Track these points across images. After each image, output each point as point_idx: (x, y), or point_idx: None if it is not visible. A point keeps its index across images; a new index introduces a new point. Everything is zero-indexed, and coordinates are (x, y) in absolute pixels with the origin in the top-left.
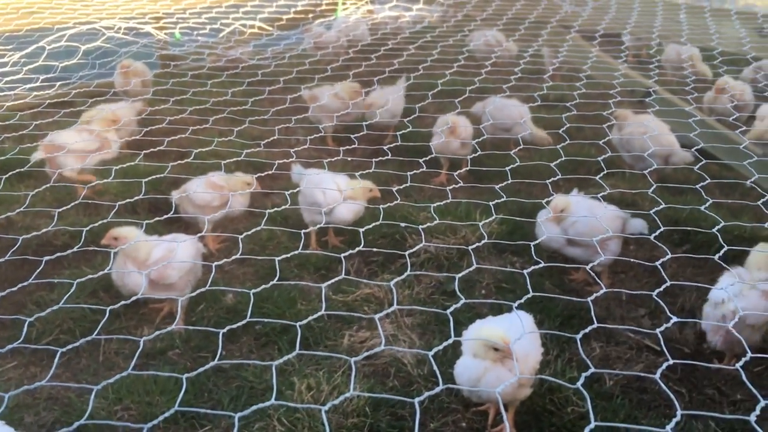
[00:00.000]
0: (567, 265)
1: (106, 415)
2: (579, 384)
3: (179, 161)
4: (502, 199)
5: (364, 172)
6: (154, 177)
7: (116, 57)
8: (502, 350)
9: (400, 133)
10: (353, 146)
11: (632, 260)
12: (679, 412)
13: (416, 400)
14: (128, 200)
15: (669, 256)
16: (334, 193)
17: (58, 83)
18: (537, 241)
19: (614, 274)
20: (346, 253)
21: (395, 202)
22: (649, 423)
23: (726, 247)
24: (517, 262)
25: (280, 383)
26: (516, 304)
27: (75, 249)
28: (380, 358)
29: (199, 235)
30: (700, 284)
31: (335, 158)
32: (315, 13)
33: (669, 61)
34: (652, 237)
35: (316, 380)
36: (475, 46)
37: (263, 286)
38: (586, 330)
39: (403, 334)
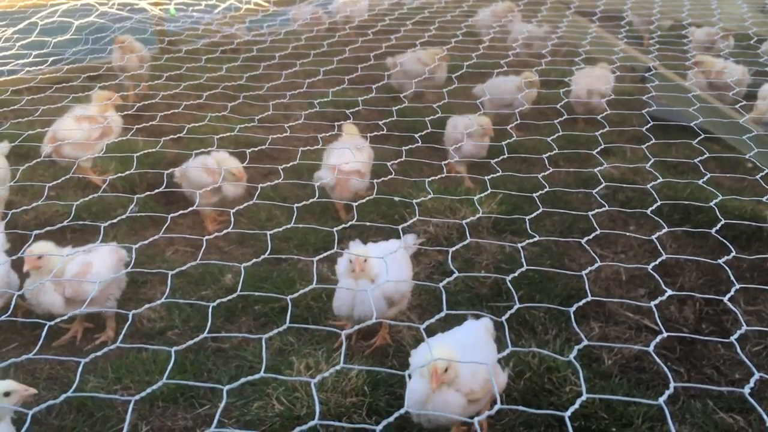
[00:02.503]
0: (562, 238)
1: (105, 393)
2: (572, 356)
3: (173, 136)
4: (499, 174)
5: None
6: (146, 153)
7: (110, 33)
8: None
9: (396, 108)
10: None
11: (629, 234)
12: (672, 385)
13: (406, 373)
14: (120, 175)
15: (665, 230)
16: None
17: (51, 59)
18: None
19: (614, 254)
20: (339, 227)
21: (390, 177)
22: (664, 400)
23: (723, 221)
24: (516, 241)
25: (279, 362)
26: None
27: (64, 224)
28: (378, 337)
29: (194, 208)
30: (699, 258)
31: (329, 133)
32: None
33: (699, 42)
34: (649, 211)
35: (315, 359)
36: (482, 17)
37: (253, 260)
38: (580, 303)
39: (402, 314)
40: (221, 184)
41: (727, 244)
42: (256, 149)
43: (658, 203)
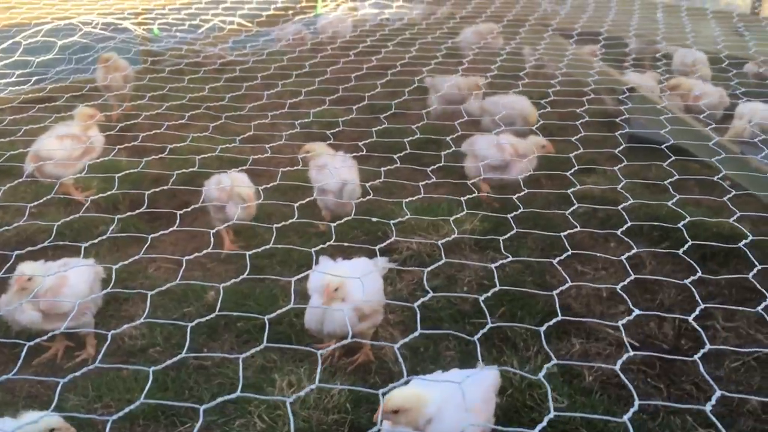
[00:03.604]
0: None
1: (86, 412)
2: (541, 375)
3: (155, 156)
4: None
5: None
6: (128, 172)
7: (93, 52)
8: None
9: (375, 129)
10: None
11: (598, 255)
12: (636, 402)
13: (380, 392)
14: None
15: (634, 250)
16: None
17: (34, 78)
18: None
19: (595, 271)
20: (317, 248)
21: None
22: (628, 417)
23: (691, 242)
24: (498, 259)
25: (261, 380)
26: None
27: (45, 244)
28: (361, 354)
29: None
30: (670, 279)
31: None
32: (295, 9)
33: (677, 65)
34: (619, 232)
35: (297, 377)
36: (464, 37)
37: (233, 280)
38: (551, 322)
39: (384, 330)
40: (225, 205)
41: (694, 264)
42: (243, 168)
43: (628, 224)
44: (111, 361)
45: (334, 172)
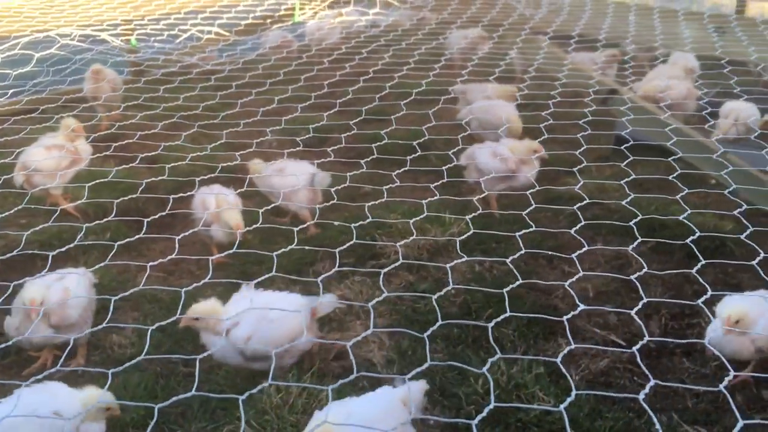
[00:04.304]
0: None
1: None
2: (485, 369)
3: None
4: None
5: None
6: (117, 180)
7: (70, 64)
8: None
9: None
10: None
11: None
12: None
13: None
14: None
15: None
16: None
17: (11, 91)
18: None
19: (582, 271)
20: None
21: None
22: (613, 416)
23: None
24: (485, 261)
25: (248, 386)
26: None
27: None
28: (349, 359)
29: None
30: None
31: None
32: (273, 18)
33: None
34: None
35: (286, 382)
36: (458, 47)
37: (195, 284)
38: (498, 319)
39: (373, 335)
40: (212, 225)
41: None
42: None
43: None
44: (103, 370)
45: (298, 167)
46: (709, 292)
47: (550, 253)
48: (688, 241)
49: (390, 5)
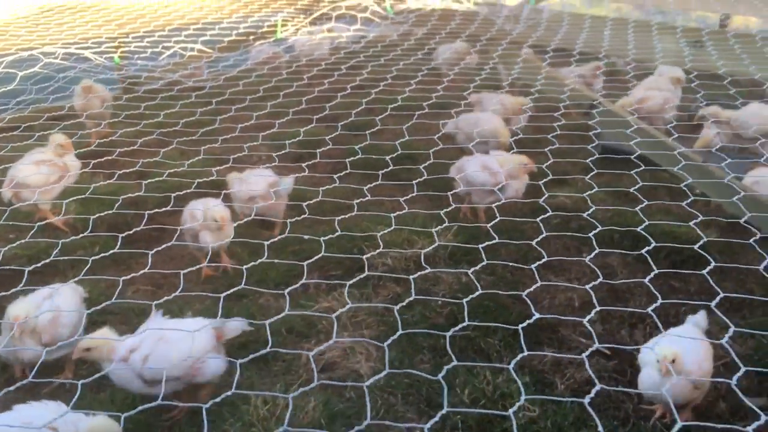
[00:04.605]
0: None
1: None
2: (440, 376)
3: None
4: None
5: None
6: (106, 194)
7: (53, 82)
8: None
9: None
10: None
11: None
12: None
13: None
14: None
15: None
16: None
17: None
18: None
19: (568, 281)
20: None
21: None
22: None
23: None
24: (472, 271)
25: (237, 398)
26: None
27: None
28: (337, 370)
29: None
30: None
31: (300, 174)
32: (256, 35)
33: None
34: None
35: (273, 394)
36: (443, 59)
37: (166, 297)
38: (456, 328)
39: (360, 346)
40: (200, 232)
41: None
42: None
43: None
44: (91, 384)
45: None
46: (659, 300)
47: (534, 265)
48: (643, 251)
49: (371, 21)
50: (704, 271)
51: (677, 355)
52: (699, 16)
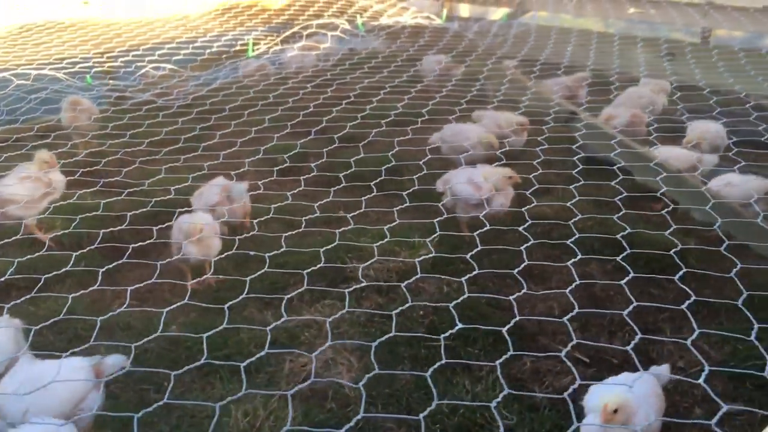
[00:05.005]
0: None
1: None
2: (360, 384)
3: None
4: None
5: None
6: (91, 209)
7: (24, 103)
8: None
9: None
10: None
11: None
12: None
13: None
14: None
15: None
16: None
17: None
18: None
19: (548, 290)
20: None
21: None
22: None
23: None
24: (454, 282)
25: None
26: None
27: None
28: (318, 381)
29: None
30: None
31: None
32: (228, 54)
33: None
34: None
35: (254, 406)
36: (431, 73)
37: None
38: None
39: (342, 357)
40: (183, 245)
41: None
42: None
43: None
44: None
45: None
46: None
47: (515, 271)
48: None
49: (342, 39)
50: (675, 277)
51: (622, 405)
52: (684, 25)
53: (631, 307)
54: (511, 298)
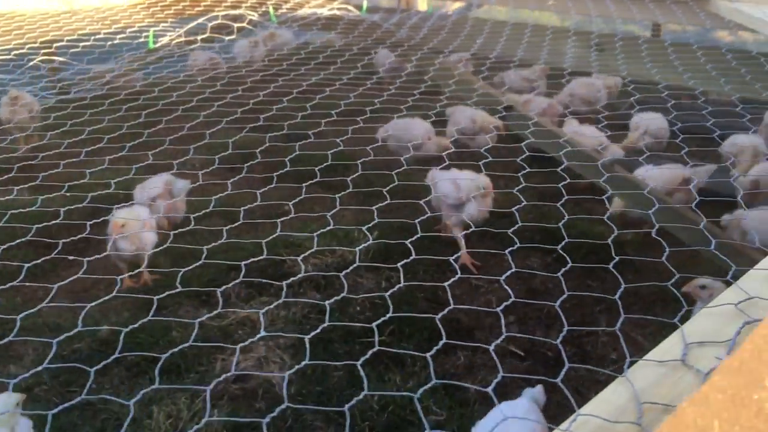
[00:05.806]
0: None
1: None
2: (286, 374)
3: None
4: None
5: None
6: (27, 207)
7: None
8: None
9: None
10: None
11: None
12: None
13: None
14: None
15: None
16: None
17: None
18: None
19: (488, 283)
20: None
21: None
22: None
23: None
24: (393, 276)
25: (140, 411)
26: None
27: None
28: (250, 380)
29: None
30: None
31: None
32: (130, 46)
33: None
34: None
35: (177, 408)
36: (385, 71)
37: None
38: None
39: (275, 355)
40: (116, 240)
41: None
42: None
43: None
44: None
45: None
46: (567, 292)
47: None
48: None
49: (274, 36)
50: (610, 265)
51: None
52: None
53: (563, 297)
54: (446, 284)
